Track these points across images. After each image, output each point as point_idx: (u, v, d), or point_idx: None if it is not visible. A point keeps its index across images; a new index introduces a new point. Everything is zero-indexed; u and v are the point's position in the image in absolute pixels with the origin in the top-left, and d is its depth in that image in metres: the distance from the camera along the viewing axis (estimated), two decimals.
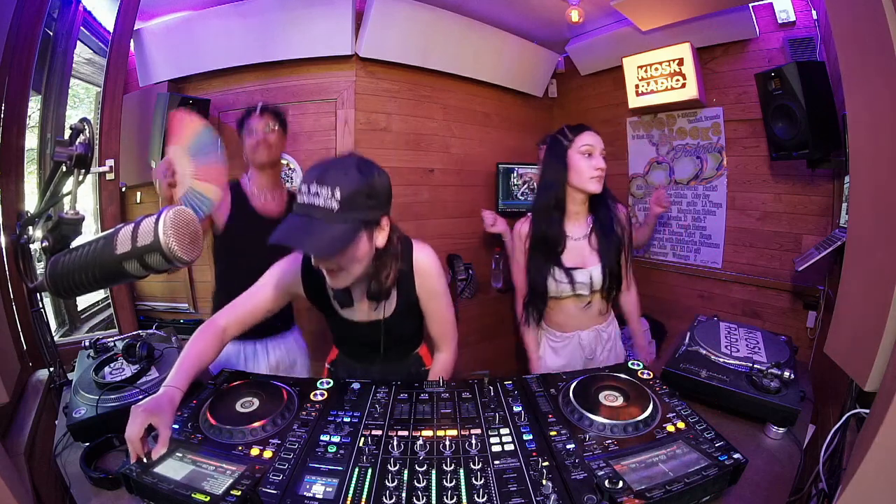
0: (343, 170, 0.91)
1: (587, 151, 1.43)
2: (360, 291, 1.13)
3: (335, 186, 0.88)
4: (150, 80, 2.48)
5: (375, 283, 1.08)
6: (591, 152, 1.43)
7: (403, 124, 2.70)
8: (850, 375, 0.89)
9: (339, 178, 0.89)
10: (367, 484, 0.77)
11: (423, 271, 1.15)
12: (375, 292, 1.09)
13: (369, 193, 0.93)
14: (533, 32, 2.96)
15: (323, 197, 0.88)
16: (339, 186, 0.88)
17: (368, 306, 1.15)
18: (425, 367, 1.33)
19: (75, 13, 2.26)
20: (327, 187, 0.88)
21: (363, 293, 1.12)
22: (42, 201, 0.99)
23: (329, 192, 0.87)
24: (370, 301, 1.12)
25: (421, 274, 1.15)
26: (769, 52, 2.32)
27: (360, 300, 1.15)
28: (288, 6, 2.35)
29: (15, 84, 1.57)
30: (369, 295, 1.10)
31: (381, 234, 1.01)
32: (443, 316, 1.23)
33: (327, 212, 0.88)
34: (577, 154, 1.44)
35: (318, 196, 0.88)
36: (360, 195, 0.91)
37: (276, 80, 2.52)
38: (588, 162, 1.43)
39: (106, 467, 0.93)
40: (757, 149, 2.40)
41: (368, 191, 0.92)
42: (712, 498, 0.78)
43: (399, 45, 2.53)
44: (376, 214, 0.98)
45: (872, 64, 0.84)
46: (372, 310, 1.16)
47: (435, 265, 1.16)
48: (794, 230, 2.30)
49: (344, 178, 0.89)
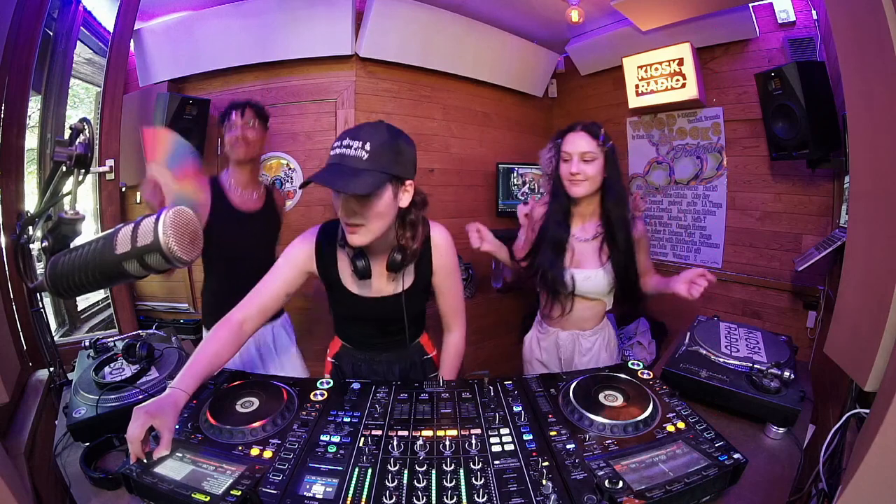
0: (373, 128, 1.00)
1: (565, 157, 1.43)
2: (380, 263, 1.15)
3: (366, 141, 0.96)
4: (150, 80, 2.48)
5: (399, 251, 1.11)
6: (569, 158, 1.42)
7: (403, 124, 2.64)
8: (850, 375, 0.89)
9: (370, 134, 0.98)
10: (367, 484, 0.77)
11: (440, 247, 1.20)
12: (397, 261, 1.11)
13: (397, 151, 1.00)
14: (533, 32, 2.96)
15: (354, 148, 0.96)
16: (369, 141, 0.96)
17: (386, 279, 1.18)
18: (427, 354, 1.36)
19: (75, 13, 2.26)
20: (359, 140, 0.97)
21: (382, 266, 1.15)
22: (42, 201, 0.99)
23: (360, 144, 0.96)
24: (389, 273, 1.15)
25: (438, 250, 1.19)
26: (769, 52, 2.32)
27: (378, 275, 1.17)
28: (288, 6, 2.35)
29: (15, 84, 1.57)
30: (390, 265, 1.12)
31: (405, 194, 1.06)
32: (456, 293, 1.30)
33: (357, 159, 0.96)
34: (561, 160, 1.45)
35: (350, 147, 0.97)
36: (388, 151, 0.98)
37: (276, 80, 2.52)
38: (566, 166, 1.43)
39: (106, 467, 0.93)
40: (757, 149, 2.40)
41: (396, 149, 1.00)
42: (712, 498, 0.78)
43: (399, 45, 2.53)
44: (402, 171, 1.02)
45: (872, 64, 0.84)
46: (388, 283, 1.18)
47: (450, 242, 1.22)
48: (794, 230, 2.30)
49: (374, 134, 0.98)
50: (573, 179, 1.42)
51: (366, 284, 1.17)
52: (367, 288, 1.18)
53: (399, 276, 1.17)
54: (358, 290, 1.18)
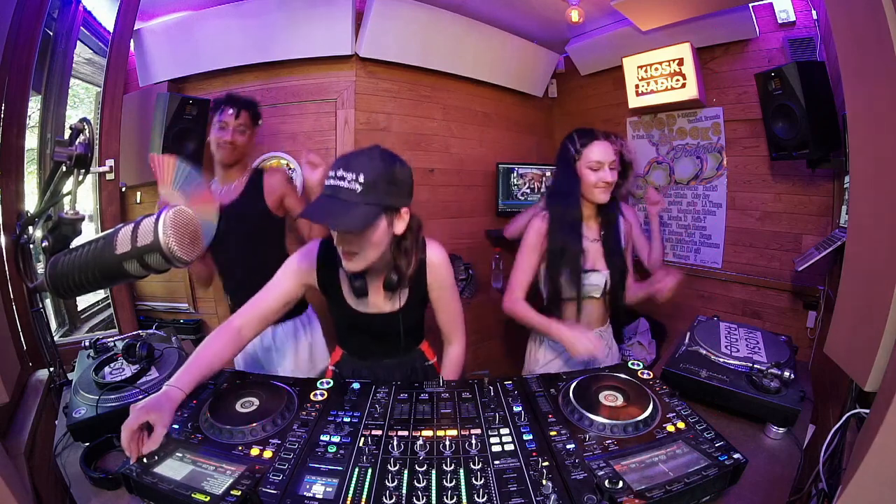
0: (367, 158, 0.99)
1: (594, 167, 1.44)
2: (376, 282, 1.16)
3: (359, 172, 0.95)
4: (150, 80, 2.48)
5: (395, 273, 1.12)
6: (599, 168, 1.44)
7: (403, 124, 2.70)
8: (850, 375, 0.89)
9: (363, 165, 0.97)
10: (367, 484, 0.77)
11: (434, 267, 1.20)
12: (393, 282, 1.12)
13: (390, 181, 0.99)
14: (533, 32, 2.96)
15: (347, 180, 0.95)
16: (362, 172, 0.95)
17: (383, 297, 1.19)
18: (428, 361, 1.36)
19: (75, 13, 2.26)
20: (352, 172, 0.95)
21: (379, 284, 1.16)
22: (42, 201, 0.99)
23: (353, 176, 0.95)
24: (385, 292, 1.17)
25: (433, 269, 1.20)
26: (769, 52, 2.32)
27: (374, 292, 1.18)
28: (288, 6, 2.34)
29: (15, 84, 1.57)
30: (386, 285, 1.14)
31: (401, 222, 1.06)
32: (452, 308, 1.30)
33: (350, 192, 0.95)
34: (585, 168, 1.45)
35: (343, 180, 0.96)
36: (382, 181, 0.97)
37: (276, 80, 2.52)
38: (595, 175, 1.44)
39: (106, 467, 0.93)
40: (757, 149, 2.40)
41: (389, 178, 0.99)
42: (712, 498, 0.78)
43: (399, 45, 2.53)
44: (396, 202, 1.03)
45: (872, 64, 0.84)
46: (385, 301, 1.19)
47: (446, 261, 1.22)
48: (794, 230, 2.30)
49: (368, 164, 0.97)
50: (604, 187, 1.45)
51: (363, 301, 1.19)
52: (364, 304, 1.20)
53: (396, 294, 1.18)
54: (356, 306, 1.20)
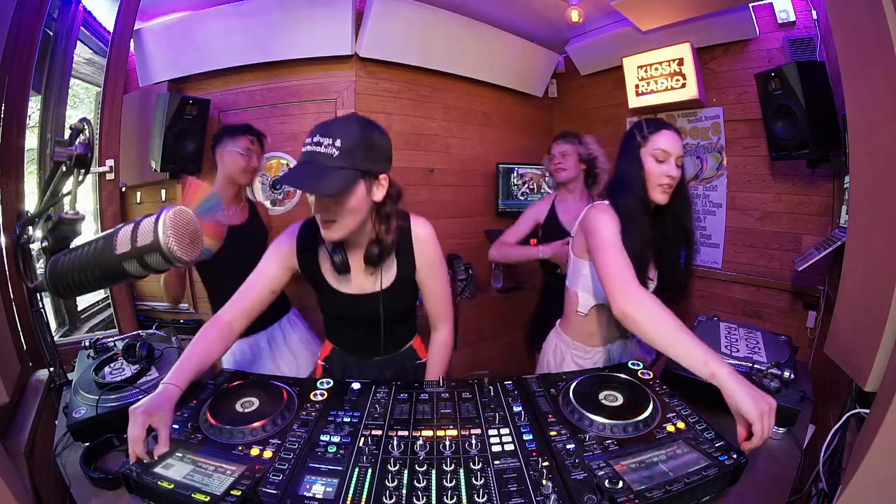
0: (344, 123, 0.99)
1: (660, 157, 1.21)
2: (358, 257, 1.13)
3: (336, 137, 0.95)
4: (150, 80, 2.48)
5: (376, 245, 1.09)
6: (665, 158, 1.21)
7: (403, 124, 2.70)
8: (850, 375, 0.89)
9: (341, 130, 0.96)
10: (367, 484, 0.77)
11: (421, 240, 1.17)
12: (374, 254, 1.09)
13: (368, 146, 0.98)
14: (533, 32, 2.96)
15: (324, 145, 0.94)
16: (339, 137, 0.94)
17: (365, 274, 1.16)
18: (420, 359, 1.33)
19: (75, 13, 2.26)
20: (329, 137, 0.95)
21: (360, 259, 1.12)
22: (42, 201, 0.99)
23: (330, 141, 0.94)
24: (367, 266, 1.13)
25: (420, 244, 1.17)
26: (769, 52, 2.32)
27: (357, 270, 1.14)
28: (288, 6, 2.35)
29: (15, 84, 1.57)
30: (367, 258, 1.10)
31: (380, 189, 1.04)
32: (441, 290, 1.26)
33: (327, 157, 0.94)
34: (649, 156, 1.23)
35: (320, 145, 0.95)
36: (359, 147, 0.96)
37: (277, 80, 2.52)
38: (659, 167, 1.22)
39: (106, 467, 0.93)
40: (757, 149, 2.40)
41: (367, 144, 0.98)
42: (712, 498, 0.78)
43: (399, 45, 2.53)
44: (374, 167, 1.01)
45: (872, 64, 0.85)
46: (368, 279, 1.16)
47: (433, 235, 1.19)
48: (794, 230, 2.30)
49: (345, 130, 0.96)
50: (667, 183, 1.22)
51: (347, 281, 1.16)
52: (348, 284, 1.17)
53: (378, 271, 1.15)
54: (340, 287, 1.17)
